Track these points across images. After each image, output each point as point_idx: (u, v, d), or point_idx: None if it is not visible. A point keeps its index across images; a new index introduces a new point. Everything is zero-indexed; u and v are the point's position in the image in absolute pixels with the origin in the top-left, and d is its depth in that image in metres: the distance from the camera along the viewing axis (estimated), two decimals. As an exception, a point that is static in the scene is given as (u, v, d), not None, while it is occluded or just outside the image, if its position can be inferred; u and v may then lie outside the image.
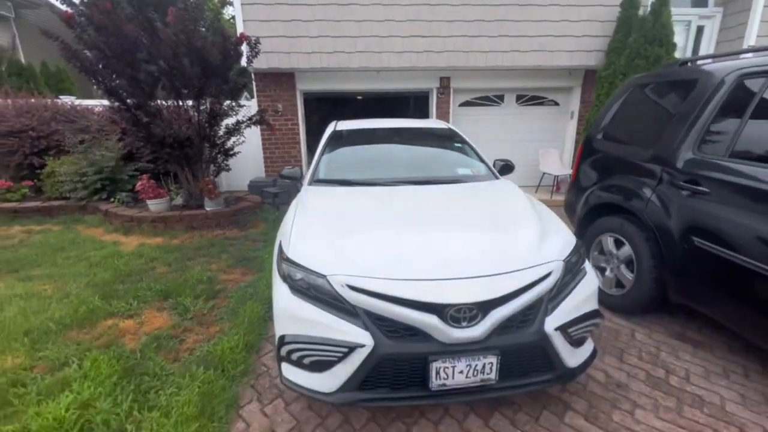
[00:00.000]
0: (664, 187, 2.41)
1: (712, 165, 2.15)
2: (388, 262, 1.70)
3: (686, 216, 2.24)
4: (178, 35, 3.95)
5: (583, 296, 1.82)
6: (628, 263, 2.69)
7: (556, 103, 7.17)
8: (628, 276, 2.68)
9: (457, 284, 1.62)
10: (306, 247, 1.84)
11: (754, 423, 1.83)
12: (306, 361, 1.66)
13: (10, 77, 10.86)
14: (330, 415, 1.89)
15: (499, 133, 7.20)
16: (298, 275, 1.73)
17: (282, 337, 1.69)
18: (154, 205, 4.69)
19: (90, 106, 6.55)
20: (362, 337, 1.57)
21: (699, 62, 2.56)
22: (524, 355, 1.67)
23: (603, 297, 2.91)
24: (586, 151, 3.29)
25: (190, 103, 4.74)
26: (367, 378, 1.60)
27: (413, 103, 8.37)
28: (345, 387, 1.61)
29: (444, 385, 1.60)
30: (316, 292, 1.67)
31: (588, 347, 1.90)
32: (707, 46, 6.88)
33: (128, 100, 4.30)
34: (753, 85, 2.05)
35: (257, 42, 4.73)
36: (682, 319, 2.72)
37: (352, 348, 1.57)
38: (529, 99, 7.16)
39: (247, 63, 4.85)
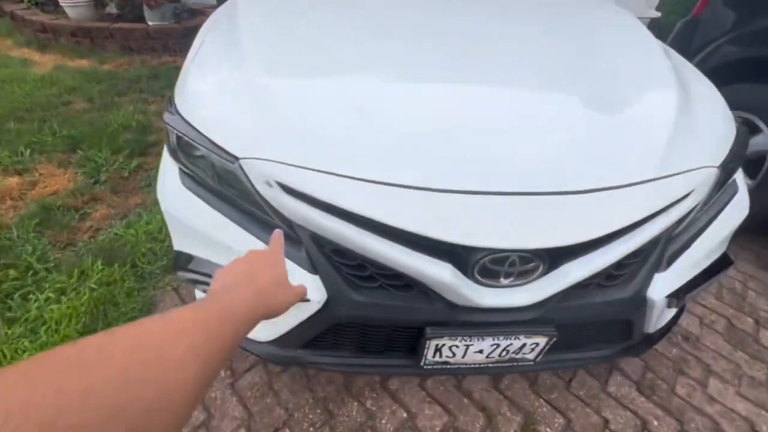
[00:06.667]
0: None
1: None
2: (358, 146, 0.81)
3: None
4: None
5: (725, 233, 1.01)
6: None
7: None
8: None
9: (502, 206, 0.77)
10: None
11: None
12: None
13: None
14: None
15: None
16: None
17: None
18: (72, 8, 3.34)
19: None
20: (310, 289, 0.81)
21: None
22: (591, 330, 0.97)
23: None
24: None
25: None
26: (317, 339, 0.94)
27: None
28: (282, 341, 0.97)
29: (446, 363, 0.95)
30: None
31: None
32: None
33: None
34: None
35: None
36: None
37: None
38: None
39: None
